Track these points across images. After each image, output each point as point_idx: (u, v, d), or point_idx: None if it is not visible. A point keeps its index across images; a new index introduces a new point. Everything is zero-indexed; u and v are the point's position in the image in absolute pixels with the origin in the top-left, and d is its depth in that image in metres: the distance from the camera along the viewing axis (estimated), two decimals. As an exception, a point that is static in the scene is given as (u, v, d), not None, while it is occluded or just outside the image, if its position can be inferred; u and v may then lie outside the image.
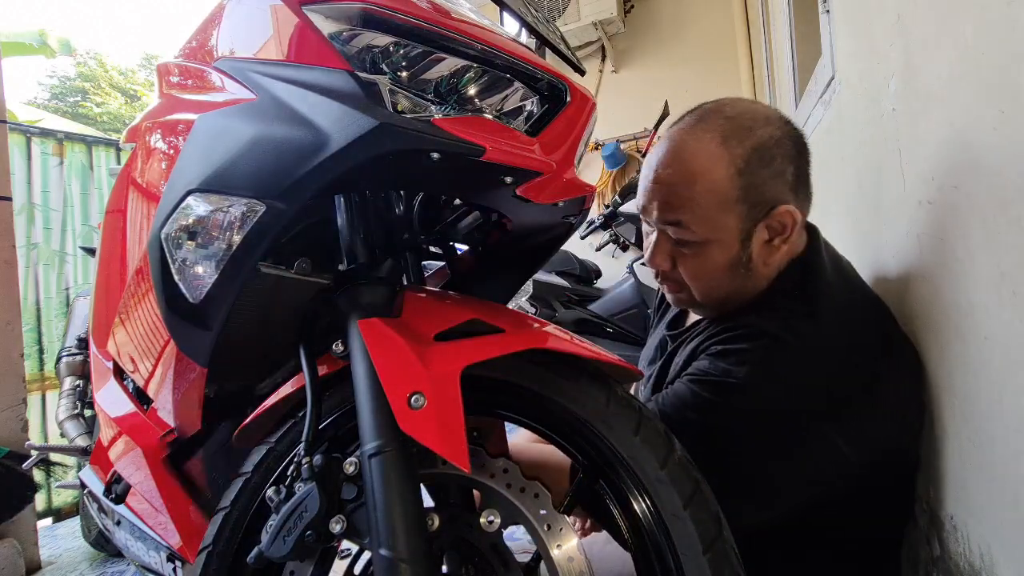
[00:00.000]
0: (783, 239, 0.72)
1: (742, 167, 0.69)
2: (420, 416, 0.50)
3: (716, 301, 0.77)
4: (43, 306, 2.78)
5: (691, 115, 0.75)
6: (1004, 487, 0.57)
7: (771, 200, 0.70)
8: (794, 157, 0.72)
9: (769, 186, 0.70)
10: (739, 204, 0.70)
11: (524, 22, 0.67)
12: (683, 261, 0.75)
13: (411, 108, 0.52)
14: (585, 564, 0.53)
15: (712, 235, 0.71)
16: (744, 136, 0.70)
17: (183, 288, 0.57)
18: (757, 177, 0.69)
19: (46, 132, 2.97)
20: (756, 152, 0.69)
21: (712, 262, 0.73)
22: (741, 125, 0.70)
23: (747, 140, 0.70)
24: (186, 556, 0.73)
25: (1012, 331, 0.54)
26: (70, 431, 1.70)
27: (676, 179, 0.71)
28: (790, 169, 0.71)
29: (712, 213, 0.70)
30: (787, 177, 0.71)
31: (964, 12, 0.60)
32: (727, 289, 0.75)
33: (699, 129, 0.72)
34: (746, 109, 0.73)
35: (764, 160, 0.69)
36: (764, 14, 2.54)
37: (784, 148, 0.71)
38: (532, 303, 2.54)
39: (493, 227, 0.75)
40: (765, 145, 0.70)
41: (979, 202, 0.59)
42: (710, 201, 0.70)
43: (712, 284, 0.75)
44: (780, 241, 0.72)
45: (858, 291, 0.76)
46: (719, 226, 0.70)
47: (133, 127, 0.86)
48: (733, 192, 0.69)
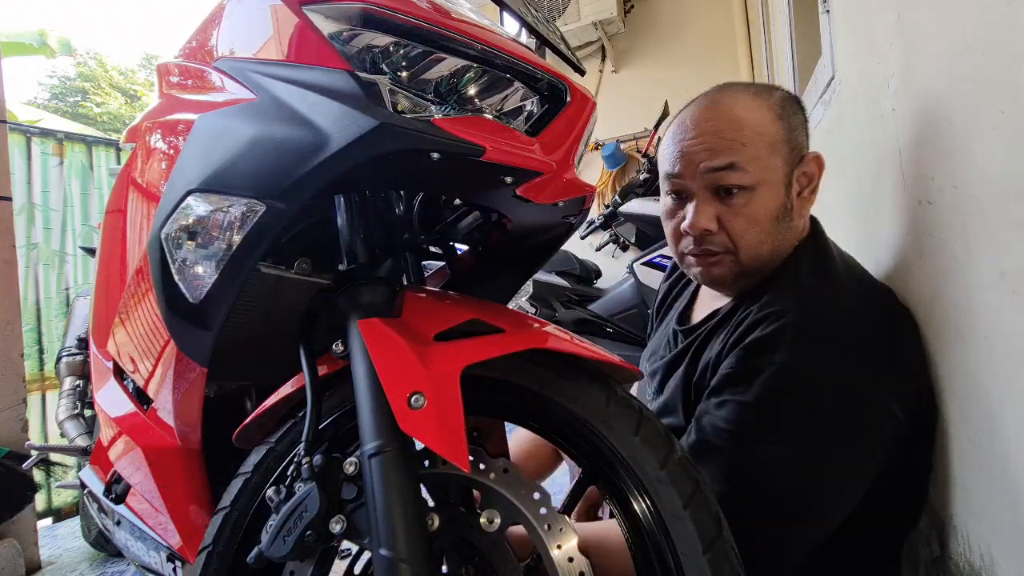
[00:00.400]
0: (811, 189, 0.77)
1: (780, 112, 0.75)
2: (420, 416, 0.50)
3: (758, 260, 0.76)
4: (43, 306, 2.78)
5: (703, 96, 0.79)
6: (1004, 487, 0.57)
7: (802, 146, 0.76)
8: (801, 111, 0.79)
9: (799, 132, 0.76)
10: (784, 146, 0.74)
11: (524, 22, 0.67)
12: (732, 214, 0.74)
13: (411, 108, 0.52)
14: (585, 564, 0.53)
15: (764, 176, 0.73)
16: (770, 91, 0.77)
17: (183, 288, 0.57)
18: (792, 122, 0.75)
19: (46, 132, 2.97)
20: (784, 102, 0.76)
21: (763, 209, 0.73)
22: (761, 86, 0.78)
23: (774, 93, 0.77)
24: (186, 556, 0.73)
25: (1012, 331, 0.54)
26: (70, 431, 1.70)
27: (724, 125, 0.73)
28: (804, 122, 0.78)
29: (763, 153, 0.72)
30: (807, 128, 0.79)
31: (964, 12, 0.60)
32: (771, 244, 0.75)
33: (725, 94, 0.77)
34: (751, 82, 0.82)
35: (788, 110, 0.76)
36: (764, 14, 2.54)
37: (797, 103, 0.79)
38: (532, 303, 2.54)
39: (493, 227, 0.75)
40: (786, 98, 0.77)
41: (979, 202, 0.59)
42: (760, 143, 0.72)
43: (761, 237, 0.75)
44: (808, 191, 0.77)
45: (859, 271, 0.79)
46: (770, 166, 0.73)
47: (133, 127, 0.86)
48: (778, 134, 0.74)
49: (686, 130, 0.76)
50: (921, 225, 0.75)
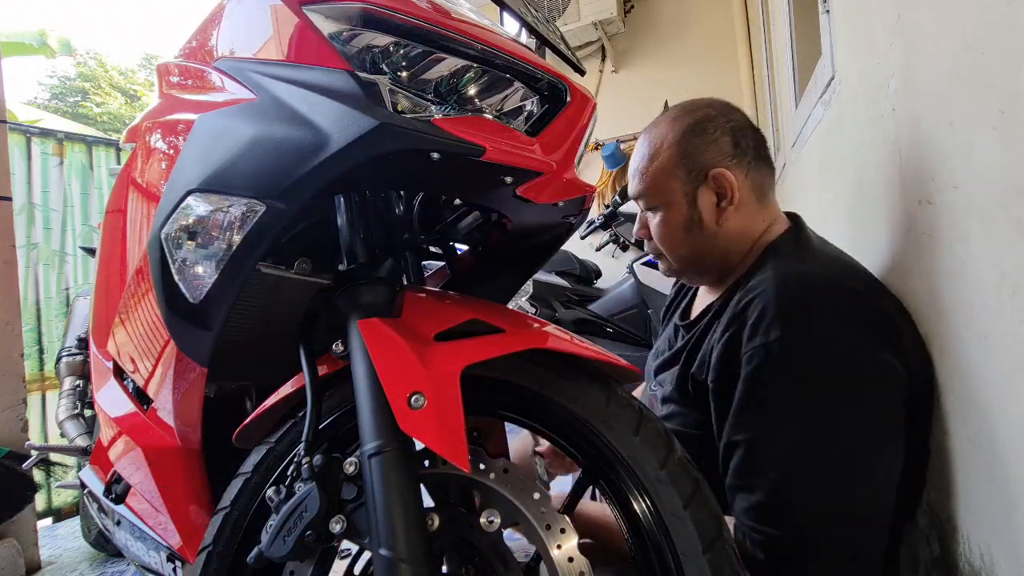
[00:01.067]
0: (728, 201, 0.82)
1: (678, 138, 0.83)
2: (420, 416, 0.50)
3: (686, 261, 0.88)
4: (43, 306, 2.78)
5: None
6: (1004, 487, 0.57)
7: (706, 165, 0.82)
8: (729, 130, 0.83)
9: (703, 152, 0.82)
10: (678, 169, 0.83)
11: (524, 22, 0.67)
12: (652, 228, 0.88)
13: (411, 108, 0.52)
14: (585, 564, 0.53)
15: (663, 198, 0.85)
16: (686, 116, 0.85)
17: (183, 288, 0.57)
18: (691, 145, 0.82)
19: (46, 132, 2.97)
20: (692, 127, 0.83)
21: (668, 224, 0.85)
22: (687, 108, 0.86)
23: (687, 118, 0.84)
24: (186, 556, 0.73)
25: (1012, 331, 0.54)
26: (70, 431, 1.70)
27: (637, 159, 0.88)
28: (725, 139, 0.82)
29: (660, 180, 0.84)
30: (721, 145, 0.82)
31: (964, 12, 0.60)
32: (689, 248, 0.86)
33: (658, 121, 0.88)
34: (702, 100, 0.87)
35: (697, 131, 0.83)
36: (764, 14, 2.54)
37: (719, 123, 0.83)
38: (532, 303, 2.54)
39: (493, 227, 0.75)
40: (701, 121, 0.83)
41: (979, 202, 0.59)
42: (658, 171, 0.84)
43: (676, 245, 0.87)
44: (726, 203, 0.82)
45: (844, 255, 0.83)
46: (666, 190, 0.84)
47: (133, 127, 0.86)
48: (672, 159, 0.83)
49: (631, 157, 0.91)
50: (921, 225, 0.75)
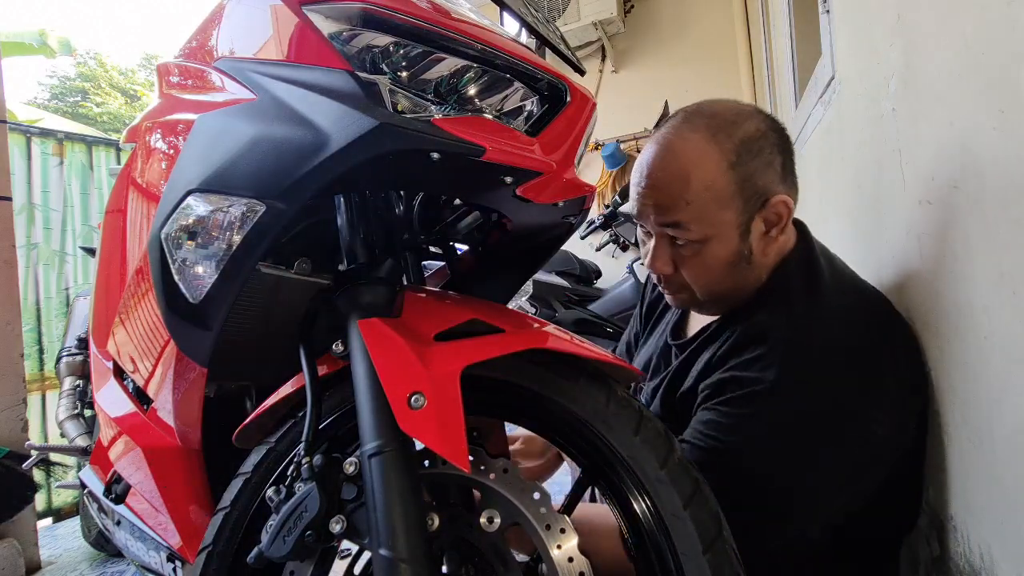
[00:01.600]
0: (779, 229, 0.73)
1: (734, 160, 0.70)
2: (420, 416, 0.50)
3: (718, 297, 0.77)
4: (43, 306, 2.78)
5: (674, 118, 0.76)
6: (1004, 487, 0.57)
7: (764, 191, 0.71)
8: (781, 148, 0.73)
9: (761, 177, 0.71)
10: (735, 198, 0.70)
11: (524, 22, 0.66)
12: (685, 263, 0.75)
13: (411, 108, 0.52)
14: (585, 564, 0.53)
15: (712, 231, 0.71)
16: (731, 130, 0.71)
17: (183, 288, 0.57)
18: (749, 168, 0.70)
19: (46, 132, 2.97)
20: (745, 144, 0.70)
21: (714, 259, 0.73)
22: (726, 120, 0.71)
23: (735, 133, 0.70)
24: (186, 556, 0.73)
25: (1012, 331, 0.54)
26: (70, 431, 1.70)
27: (670, 180, 0.71)
28: (778, 160, 0.72)
29: (710, 210, 0.70)
30: (776, 167, 0.72)
31: (964, 12, 0.60)
32: (730, 284, 0.76)
33: (685, 129, 0.72)
34: (727, 107, 0.74)
35: (753, 151, 0.70)
36: (764, 14, 2.54)
37: (770, 139, 0.72)
38: (532, 303, 2.54)
39: (493, 227, 0.75)
40: (752, 137, 0.71)
41: (979, 202, 0.59)
42: (706, 198, 0.70)
43: (715, 280, 0.75)
44: (777, 232, 0.73)
45: (850, 280, 0.77)
46: (718, 222, 0.71)
47: (133, 127, 0.86)
48: (728, 186, 0.70)
49: (641, 175, 0.75)
50: (921, 225, 0.75)
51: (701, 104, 0.76)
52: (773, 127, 0.74)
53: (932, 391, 0.73)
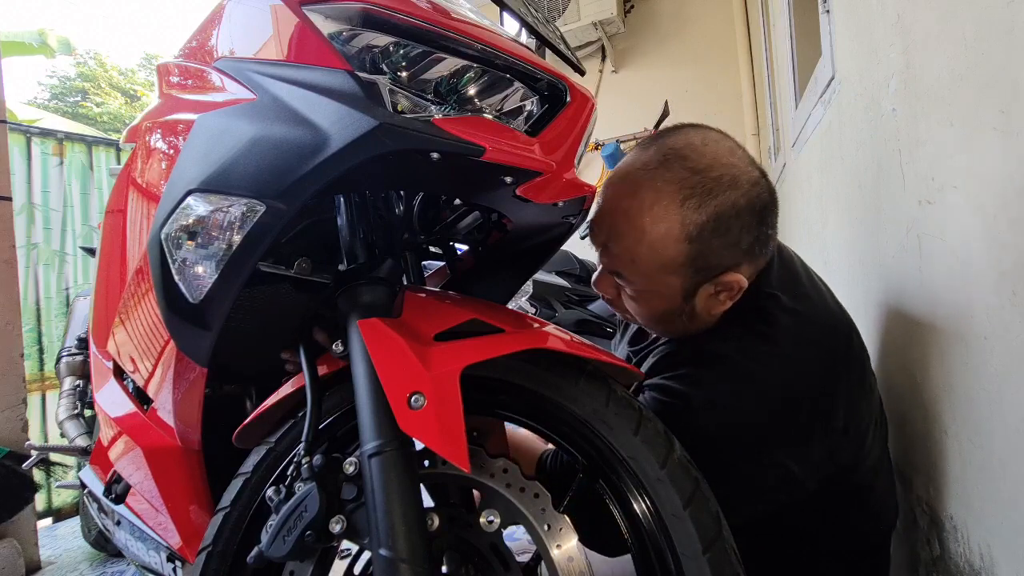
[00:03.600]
0: (729, 295, 0.70)
1: (694, 235, 0.65)
2: (420, 416, 0.50)
3: (659, 333, 0.78)
4: (43, 306, 2.78)
5: (658, 147, 0.69)
6: (1004, 487, 0.57)
7: (719, 267, 0.67)
8: (755, 224, 0.67)
9: (719, 255, 0.67)
10: (684, 268, 0.67)
11: (524, 22, 0.66)
12: (625, 298, 0.74)
13: (411, 108, 0.52)
14: (585, 564, 0.53)
15: (652, 288, 0.70)
16: (704, 200, 0.65)
17: (183, 288, 0.57)
18: (708, 246, 0.66)
19: (46, 132, 2.97)
20: (713, 221, 0.65)
21: (650, 308, 0.72)
22: (704, 186, 0.65)
23: (706, 206, 0.65)
24: (186, 556, 0.73)
25: (1012, 331, 0.54)
26: (70, 431, 1.70)
27: (624, 229, 0.68)
28: (747, 238, 0.67)
29: (653, 272, 0.68)
30: (742, 246, 0.67)
31: (964, 12, 0.60)
32: (670, 329, 0.76)
33: (659, 177, 0.66)
34: (715, 162, 0.66)
35: (720, 230, 0.65)
36: (764, 14, 2.54)
37: (744, 219, 0.66)
38: (532, 303, 2.54)
39: (493, 227, 0.75)
40: (724, 214, 0.65)
41: (979, 202, 0.59)
42: (653, 261, 0.67)
43: (651, 324, 0.76)
44: (726, 296, 0.70)
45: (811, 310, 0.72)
46: (660, 283, 0.69)
47: (133, 127, 0.86)
48: (679, 257, 0.66)
49: (604, 201, 0.71)
50: (921, 225, 0.75)
51: (692, 145, 0.68)
52: (753, 202, 0.66)
53: (931, 395, 0.73)
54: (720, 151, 0.68)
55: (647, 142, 0.73)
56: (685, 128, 0.71)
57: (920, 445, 0.79)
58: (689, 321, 0.72)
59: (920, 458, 0.79)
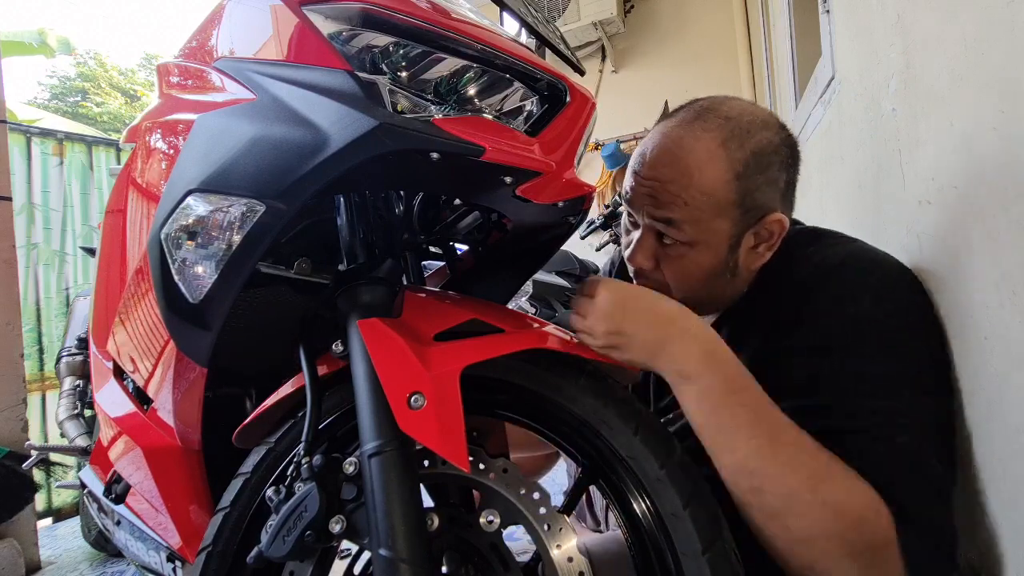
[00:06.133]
0: (768, 246, 0.71)
1: (740, 171, 0.67)
2: (420, 416, 0.50)
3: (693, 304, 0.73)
4: (43, 306, 2.78)
5: (686, 111, 0.73)
6: (1004, 487, 0.57)
7: (763, 207, 0.69)
8: (788, 166, 0.71)
9: (763, 193, 0.69)
10: (733, 209, 0.68)
11: (524, 22, 0.66)
12: (668, 262, 0.73)
13: (411, 108, 0.52)
14: (585, 564, 0.53)
15: (703, 237, 0.69)
16: (744, 139, 0.68)
17: (183, 288, 0.57)
18: (753, 183, 0.68)
19: (46, 132, 2.97)
20: (755, 157, 0.68)
21: (697, 265, 0.71)
22: (740, 127, 0.69)
23: (747, 144, 0.68)
24: (186, 556, 0.73)
25: (1012, 331, 0.54)
26: (70, 431, 1.70)
27: (672, 176, 0.68)
28: (783, 177, 0.70)
29: (706, 215, 0.68)
30: (780, 185, 0.70)
31: (964, 12, 0.60)
32: (707, 293, 0.74)
33: (697, 127, 0.70)
34: (744, 110, 0.71)
35: (761, 166, 0.68)
36: (764, 14, 2.54)
37: (781, 155, 0.70)
38: (532, 303, 2.54)
39: (493, 227, 0.75)
40: (764, 151, 0.68)
41: (979, 202, 0.59)
42: (705, 203, 0.67)
43: (694, 287, 0.73)
44: (765, 248, 0.71)
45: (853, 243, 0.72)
46: (711, 229, 0.69)
47: (133, 127, 0.86)
48: (729, 196, 0.67)
49: (642, 163, 0.72)
50: (921, 225, 0.75)
51: (717, 100, 0.73)
52: (787, 142, 0.71)
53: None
54: (744, 103, 0.73)
55: (672, 112, 0.76)
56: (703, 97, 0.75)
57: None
58: (732, 279, 0.72)
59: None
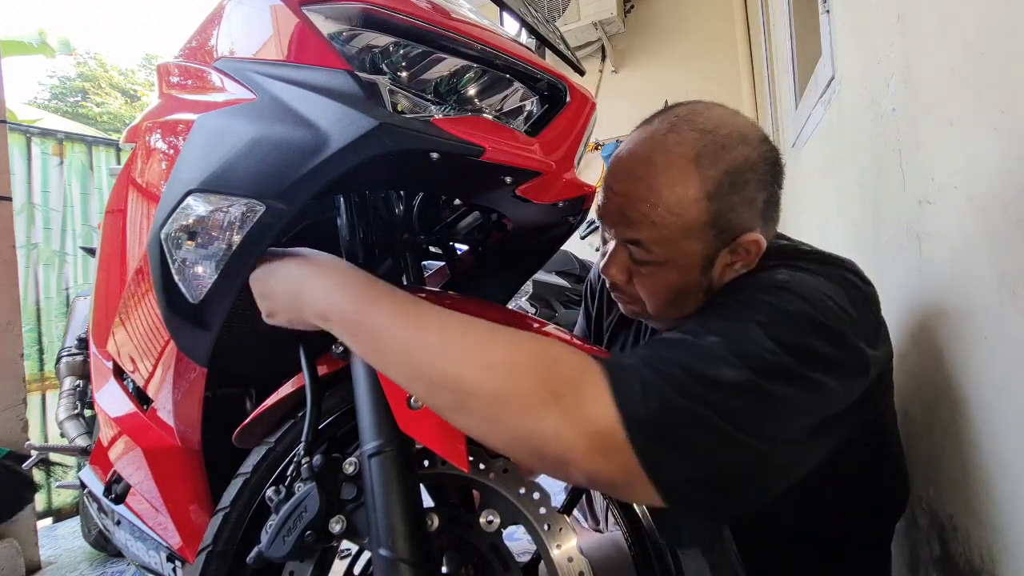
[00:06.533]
0: (745, 263, 0.67)
1: (712, 192, 0.63)
2: (419, 416, 0.50)
3: (670, 320, 0.73)
4: (43, 306, 2.78)
5: (662, 119, 0.69)
6: (1004, 487, 0.57)
7: (739, 228, 0.65)
8: (768, 183, 0.67)
9: (738, 213, 0.65)
10: (706, 230, 0.64)
11: (524, 22, 0.66)
12: (639, 278, 0.70)
13: (411, 108, 0.52)
14: (585, 564, 0.53)
15: (671, 257, 0.66)
16: (718, 155, 0.64)
17: (183, 288, 0.57)
18: (727, 203, 0.64)
19: (46, 132, 2.97)
20: (729, 176, 0.64)
21: (666, 284, 0.68)
22: (716, 141, 0.64)
23: (721, 161, 0.64)
24: (186, 556, 0.73)
25: (1012, 331, 0.54)
26: (70, 431, 1.70)
27: (641, 193, 0.65)
28: (762, 196, 0.66)
29: (674, 236, 0.65)
30: (757, 204, 0.66)
31: (964, 12, 0.60)
32: (679, 309, 0.71)
33: (671, 140, 0.66)
34: (723, 122, 0.67)
35: (737, 185, 0.64)
36: (764, 14, 2.54)
37: (759, 172, 0.65)
38: (532, 303, 2.54)
39: (493, 227, 0.75)
40: (739, 168, 0.64)
41: (979, 202, 0.59)
42: (674, 224, 0.64)
43: (667, 304, 0.70)
44: (742, 266, 0.67)
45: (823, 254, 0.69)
46: (680, 250, 0.65)
47: (133, 127, 0.86)
48: (700, 218, 0.64)
49: (613, 176, 0.69)
50: (921, 225, 0.75)
51: (695, 110, 0.68)
52: (765, 157, 0.66)
53: (931, 395, 0.73)
54: (724, 113, 0.68)
55: (649, 118, 0.72)
56: (683, 103, 0.71)
57: (921, 445, 0.79)
58: (702, 294, 0.69)
59: (921, 458, 0.79)
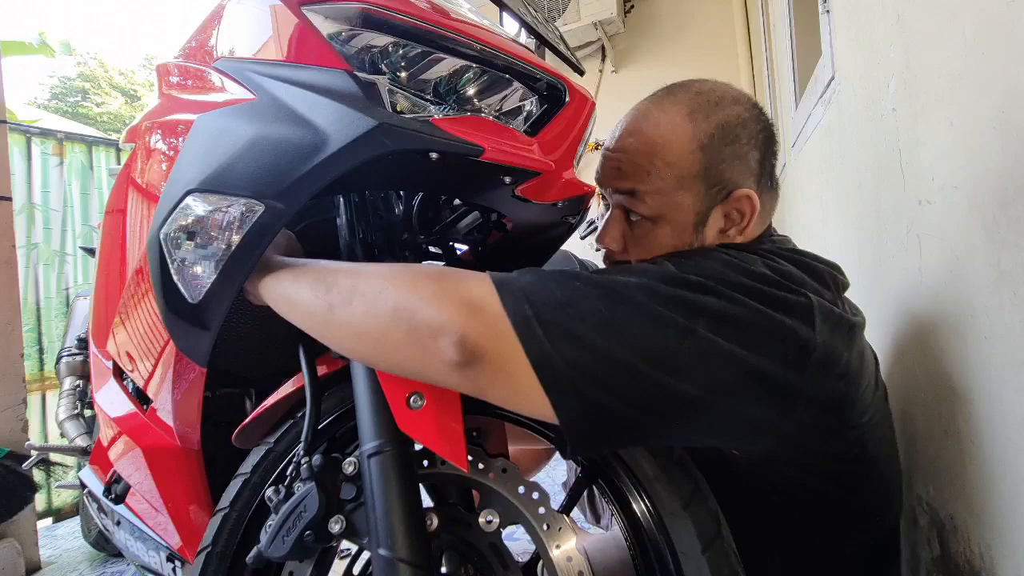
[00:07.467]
0: (739, 228, 0.67)
1: (705, 143, 0.65)
2: (419, 416, 0.50)
3: None
4: (43, 306, 2.78)
5: (660, 90, 0.73)
6: (1004, 487, 0.57)
7: (730, 183, 0.66)
8: (760, 143, 0.68)
9: (730, 166, 0.66)
10: (697, 182, 0.66)
11: (524, 22, 0.66)
12: (634, 240, 0.70)
13: (410, 108, 0.52)
14: (584, 564, 0.53)
15: (665, 211, 0.66)
16: (711, 111, 0.67)
17: (182, 288, 0.57)
18: (719, 155, 0.66)
19: (46, 132, 2.97)
20: (721, 129, 0.66)
21: (660, 244, 0.67)
22: (708, 100, 0.68)
23: (713, 116, 0.66)
24: (186, 556, 0.73)
25: (1012, 331, 0.54)
26: (70, 431, 1.70)
27: (636, 147, 0.67)
28: (754, 155, 0.67)
29: (668, 187, 0.66)
30: (750, 162, 0.67)
31: (964, 12, 0.60)
32: None
33: (666, 101, 0.69)
34: (715, 88, 0.70)
35: (728, 139, 0.66)
36: (764, 14, 2.54)
37: (750, 130, 0.67)
38: (532, 303, 2.54)
39: (493, 227, 0.75)
40: (731, 123, 0.66)
41: (979, 202, 0.59)
42: (668, 174, 0.66)
43: None
44: (736, 231, 0.67)
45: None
46: (674, 203, 0.66)
47: (133, 127, 0.86)
48: (692, 167, 0.65)
49: (611, 138, 0.71)
50: (921, 225, 0.75)
51: (692, 80, 0.72)
52: (758, 119, 0.69)
53: (931, 395, 0.73)
54: (720, 83, 0.72)
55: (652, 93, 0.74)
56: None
57: (921, 445, 0.79)
58: None
59: (921, 458, 0.79)
